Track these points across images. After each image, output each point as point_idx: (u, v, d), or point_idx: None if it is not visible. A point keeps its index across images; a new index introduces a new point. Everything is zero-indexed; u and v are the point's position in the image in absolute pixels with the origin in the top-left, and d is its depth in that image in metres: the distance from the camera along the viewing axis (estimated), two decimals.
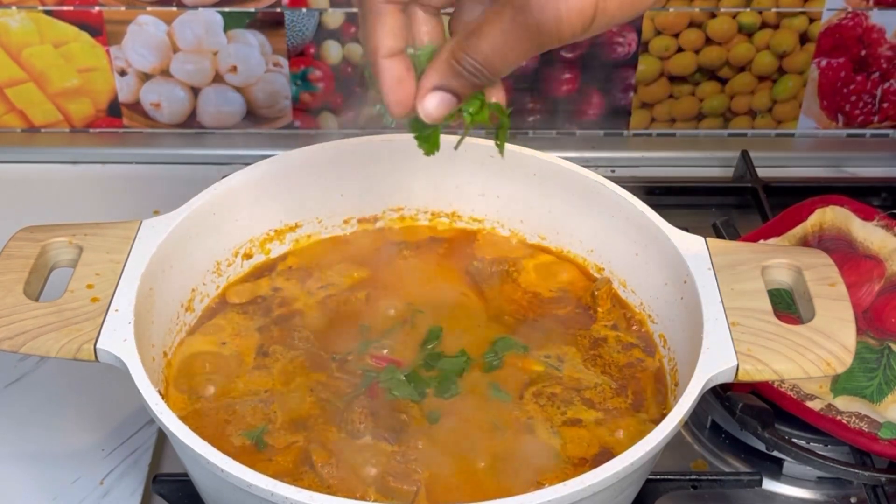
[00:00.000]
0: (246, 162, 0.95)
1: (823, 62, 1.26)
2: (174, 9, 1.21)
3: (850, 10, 1.23)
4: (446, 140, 0.98)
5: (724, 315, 0.79)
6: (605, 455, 0.80)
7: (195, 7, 1.21)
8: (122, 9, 1.21)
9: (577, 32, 0.64)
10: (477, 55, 0.66)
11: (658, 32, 1.24)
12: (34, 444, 0.93)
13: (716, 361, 0.76)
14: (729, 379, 0.77)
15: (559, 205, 0.96)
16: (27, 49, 1.23)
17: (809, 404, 0.91)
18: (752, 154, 1.24)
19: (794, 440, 0.90)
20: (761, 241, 1.04)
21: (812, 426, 0.91)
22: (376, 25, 0.69)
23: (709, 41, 1.25)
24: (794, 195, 1.09)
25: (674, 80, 1.27)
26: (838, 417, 0.90)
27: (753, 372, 0.76)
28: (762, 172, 1.21)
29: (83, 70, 1.25)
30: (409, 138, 0.97)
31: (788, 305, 0.89)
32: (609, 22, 0.64)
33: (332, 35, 1.23)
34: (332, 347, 0.88)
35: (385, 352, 0.87)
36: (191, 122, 1.29)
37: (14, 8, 1.20)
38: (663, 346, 0.88)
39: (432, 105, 0.69)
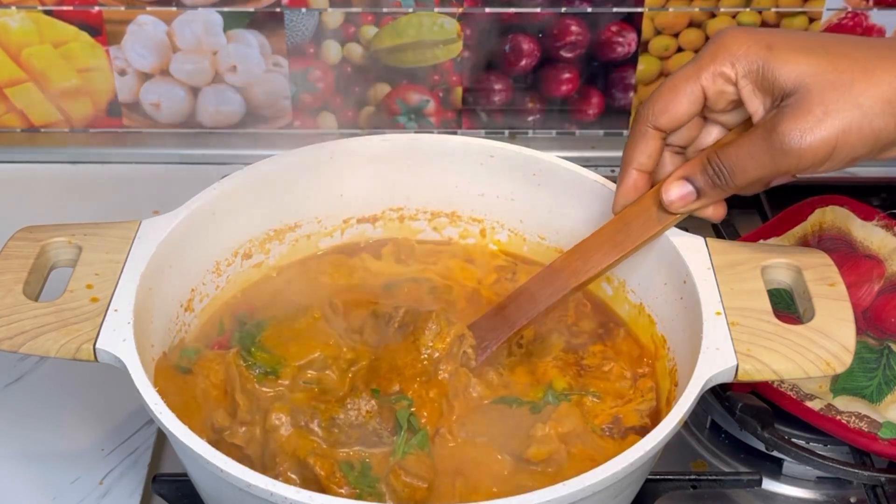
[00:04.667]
0: (246, 162, 0.95)
1: None
2: (174, 9, 1.21)
3: (849, 9, 1.23)
4: (446, 140, 0.99)
5: (723, 315, 0.79)
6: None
7: (195, 7, 1.21)
8: (122, 9, 1.21)
9: (816, 162, 0.76)
10: (724, 160, 0.80)
11: (658, 32, 1.24)
12: (34, 444, 0.93)
13: (715, 361, 0.76)
14: (728, 379, 0.76)
15: (559, 205, 0.96)
16: (27, 49, 1.23)
17: (809, 404, 0.91)
18: None
19: (794, 440, 0.90)
20: (761, 241, 1.04)
21: (812, 426, 0.90)
22: (639, 143, 0.84)
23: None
24: (794, 195, 1.09)
25: None
26: (838, 417, 0.90)
27: (753, 372, 0.76)
28: None
29: (83, 70, 1.25)
30: (408, 138, 0.98)
31: (788, 305, 0.88)
32: (849, 156, 0.76)
33: (331, 35, 1.23)
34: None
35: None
36: (190, 122, 1.29)
37: (14, 8, 1.20)
38: (663, 346, 0.88)
39: (675, 191, 0.82)
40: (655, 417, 0.85)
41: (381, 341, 0.87)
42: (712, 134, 0.85)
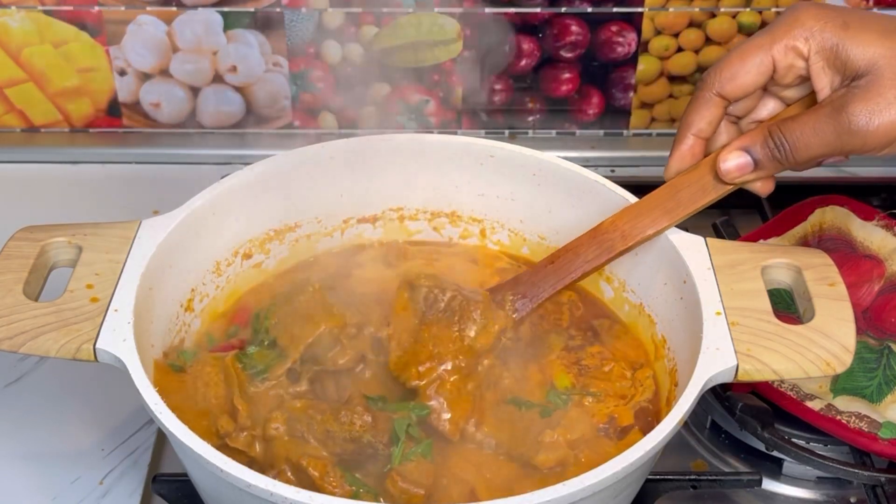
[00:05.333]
0: (246, 162, 0.95)
1: None
2: (174, 9, 1.21)
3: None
4: (446, 140, 0.99)
5: (723, 315, 0.79)
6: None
7: (195, 7, 1.21)
8: (122, 9, 1.21)
9: (881, 144, 0.77)
10: (788, 134, 0.80)
11: (658, 32, 1.24)
12: (34, 444, 0.93)
13: (715, 361, 0.76)
14: (729, 379, 0.76)
15: (559, 205, 0.96)
16: (27, 49, 1.23)
17: (809, 404, 0.91)
18: None
19: (794, 440, 0.90)
20: (761, 241, 1.04)
21: (812, 426, 0.90)
22: (701, 109, 0.84)
23: (709, 41, 1.25)
24: (794, 195, 1.09)
25: (674, 79, 1.27)
26: (838, 417, 0.90)
27: (753, 372, 0.76)
28: None
29: (83, 70, 1.25)
30: (408, 138, 0.98)
31: (788, 305, 0.88)
32: None
33: (332, 35, 1.23)
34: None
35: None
36: (190, 122, 1.29)
37: (14, 8, 1.20)
38: (663, 346, 0.88)
39: (733, 161, 0.82)
40: (656, 404, 0.85)
41: (414, 319, 0.86)
42: (768, 107, 0.86)
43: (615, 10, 1.22)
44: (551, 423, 0.82)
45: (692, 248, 0.85)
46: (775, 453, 0.91)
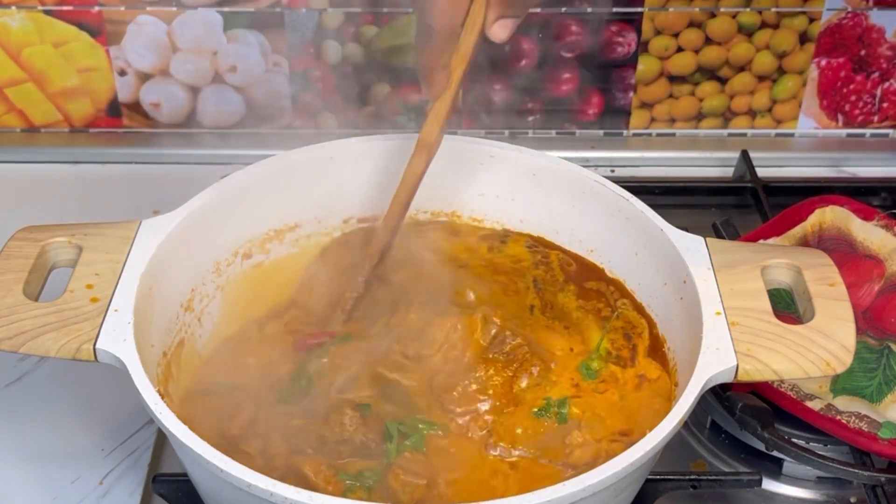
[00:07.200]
0: (246, 162, 0.95)
1: (823, 62, 1.26)
2: (174, 9, 1.21)
3: (849, 9, 1.23)
4: (446, 140, 0.99)
5: (723, 315, 0.79)
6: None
7: (195, 7, 1.21)
8: (122, 9, 1.21)
9: None
10: None
11: (658, 32, 1.24)
12: (34, 444, 0.93)
13: (715, 361, 0.76)
14: (728, 379, 0.76)
15: (559, 205, 0.96)
16: (27, 49, 1.23)
17: (809, 404, 0.91)
18: (751, 154, 1.24)
19: (794, 440, 0.90)
20: (761, 241, 1.04)
21: (812, 426, 0.91)
22: None
23: (709, 41, 1.25)
24: (793, 195, 1.10)
25: (674, 79, 1.27)
26: (838, 417, 0.90)
27: (753, 372, 0.76)
28: (762, 172, 1.21)
29: (83, 70, 1.25)
30: (408, 138, 0.98)
31: (788, 305, 0.89)
32: None
33: (332, 35, 1.23)
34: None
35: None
36: (190, 122, 1.29)
37: (14, 8, 1.20)
38: (663, 346, 0.88)
39: (499, 28, 0.80)
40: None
41: (473, 349, 0.86)
42: None
43: (615, 10, 1.22)
44: (575, 426, 0.83)
45: (692, 249, 0.85)
46: (775, 453, 0.91)
